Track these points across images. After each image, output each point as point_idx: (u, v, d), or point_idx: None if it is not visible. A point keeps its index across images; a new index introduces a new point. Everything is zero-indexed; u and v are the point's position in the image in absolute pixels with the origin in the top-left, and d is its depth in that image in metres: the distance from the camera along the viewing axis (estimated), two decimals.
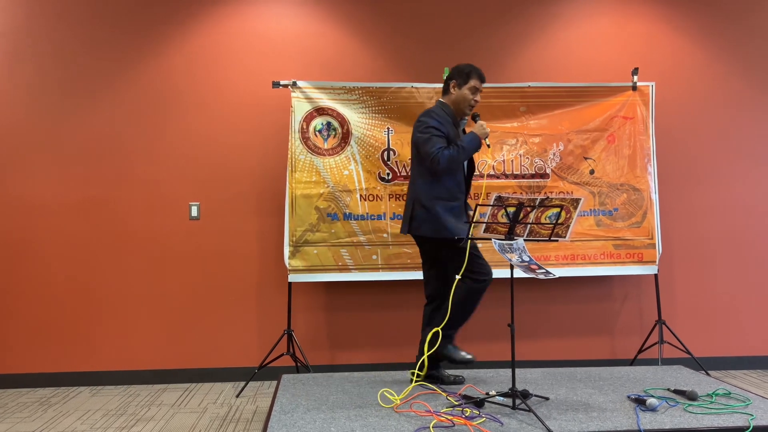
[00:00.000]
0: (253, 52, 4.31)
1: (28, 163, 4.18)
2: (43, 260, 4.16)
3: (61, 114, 4.21)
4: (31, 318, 4.14)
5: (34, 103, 4.19)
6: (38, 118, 4.19)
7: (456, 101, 3.23)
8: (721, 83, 4.52)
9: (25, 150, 4.18)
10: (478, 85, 3.20)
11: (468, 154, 3.18)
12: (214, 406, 3.68)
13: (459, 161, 3.17)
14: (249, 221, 4.27)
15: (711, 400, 3.04)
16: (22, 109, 4.19)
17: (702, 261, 4.47)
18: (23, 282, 4.15)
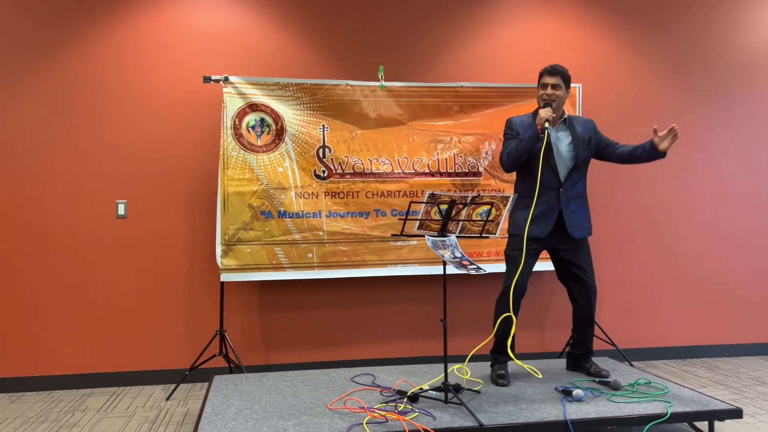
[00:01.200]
0: (184, 45, 4.20)
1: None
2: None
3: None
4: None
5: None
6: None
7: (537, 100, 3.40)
8: (644, 85, 4.72)
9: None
10: (546, 80, 3.34)
11: (527, 143, 3.27)
12: (143, 410, 3.57)
13: (519, 153, 3.30)
14: (179, 219, 4.16)
15: (633, 389, 3.18)
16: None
17: (625, 257, 4.66)
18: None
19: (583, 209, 3.43)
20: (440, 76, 4.45)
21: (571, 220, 3.35)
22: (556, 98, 3.32)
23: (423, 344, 4.40)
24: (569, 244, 3.39)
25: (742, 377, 4.15)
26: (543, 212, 3.33)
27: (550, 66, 3.37)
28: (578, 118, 3.50)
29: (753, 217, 4.82)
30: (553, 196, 3.33)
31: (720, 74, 4.81)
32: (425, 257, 4.19)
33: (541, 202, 3.33)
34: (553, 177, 3.33)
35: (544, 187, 3.32)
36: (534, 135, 3.26)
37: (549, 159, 3.33)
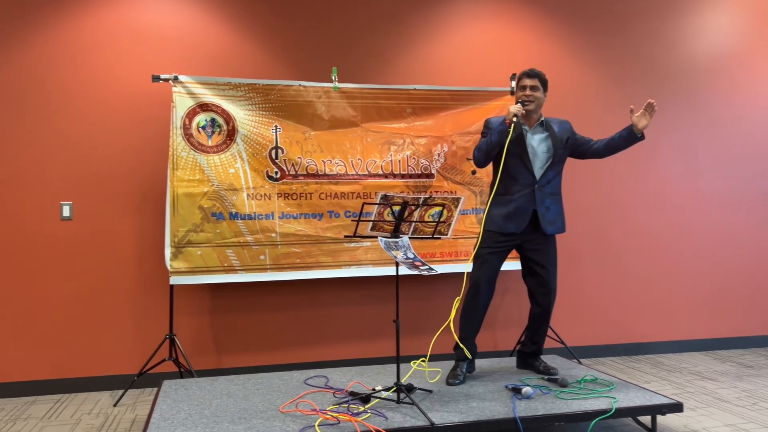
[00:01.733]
0: (133, 43, 4.11)
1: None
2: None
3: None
4: None
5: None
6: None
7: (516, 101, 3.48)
8: (588, 89, 4.85)
9: None
10: (524, 82, 3.44)
11: (496, 137, 3.35)
12: (89, 417, 3.48)
13: (489, 147, 3.38)
14: (127, 221, 4.07)
15: (580, 386, 3.26)
16: None
17: (573, 255, 4.78)
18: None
19: (558, 206, 3.51)
20: (394, 79, 4.48)
21: (545, 216, 3.43)
22: (534, 99, 3.41)
23: (376, 345, 4.42)
24: (538, 244, 3.47)
25: (684, 372, 4.31)
26: (518, 209, 3.41)
27: (529, 69, 3.48)
28: (554, 119, 3.59)
29: (694, 218, 5.01)
30: (529, 193, 3.41)
31: (660, 79, 4.98)
32: (379, 258, 4.20)
33: (517, 198, 3.41)
34: (528, 175, 3.41)
35: (520, 185, 3.41)
36: (504, 129, 3.33)
37: (524, 158, 3.41)
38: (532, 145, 3.44)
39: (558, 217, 3.51)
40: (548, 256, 3.49)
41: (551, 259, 3.50)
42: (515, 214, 3.41)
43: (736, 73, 5.10)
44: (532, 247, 3.47)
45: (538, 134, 3.47)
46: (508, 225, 3.40)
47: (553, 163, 3.46)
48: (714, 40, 5.07)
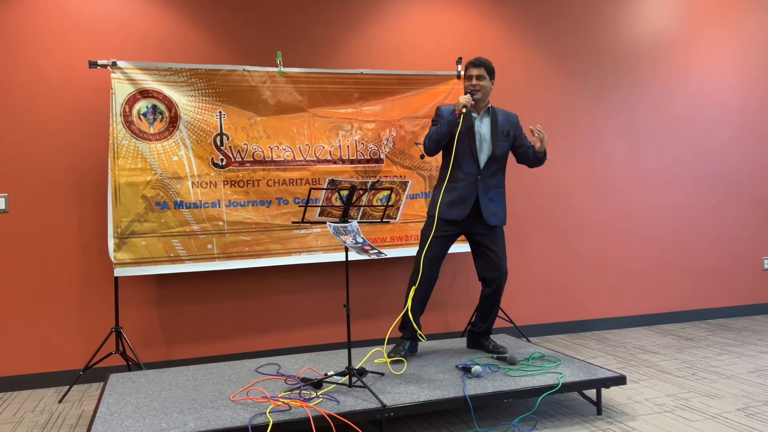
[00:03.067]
0: (68, 28, 3.95)
1: None
2: None
3: None
4: None
5: None
6: None
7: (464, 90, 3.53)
8: (539, 73, 4.92)
9: None
10: (471, 71, 3.49)
11: (446, 127, 3.41)
12: (33, 414, 3.37)
13: (439, 136, 3.43)
14: (67, 213, 3.93)
15: (528, 363, 3.34)
16: None
17: (521, 236, 4.86)
18: None
19: (501, 199, 3.56)
20: (341, 63, 4.44)
21: (487, 207, 3.48)
22: (481, 88, 3.46)
23: (329, 331, 4.41)
24: (485, 230, 3.52)
25: (629, 347, 4.46)
26: (461, 197, 3.45)
27: (474, 58, 3.51)
28: (503, 110, 3.63)
29: (636, 197, 5.16)
30: (472, 183, 3.46)
31: (606, 62, 5.09)
32: (329, 244, 4.19)
33: (461, 187, 3.46)
34: (473, 164, 3.46)
35: (465, 173, 3.46)
36: (453, 120, 3.39)
37: (471, 146, 3.46)
38: (480, 132, 3.50)
39: (500, 210, 3.56)
40: (496, 240, 3.55)
41: (499, 242, 3.56)
42: (458, 201, 3.46)
43: (675, 56, 5.26)
44: (478, 232, 3.52)
45: (484, 121, 3.52)
46: (450, 212, 3.46)
47: (494, 155, 3.50)
48: (655, 24, 5.20)
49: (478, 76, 3.47)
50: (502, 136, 3.54)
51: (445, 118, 3.44)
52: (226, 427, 2.51)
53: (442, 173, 3.55)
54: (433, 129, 3.48)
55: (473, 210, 3.47)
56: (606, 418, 3.03)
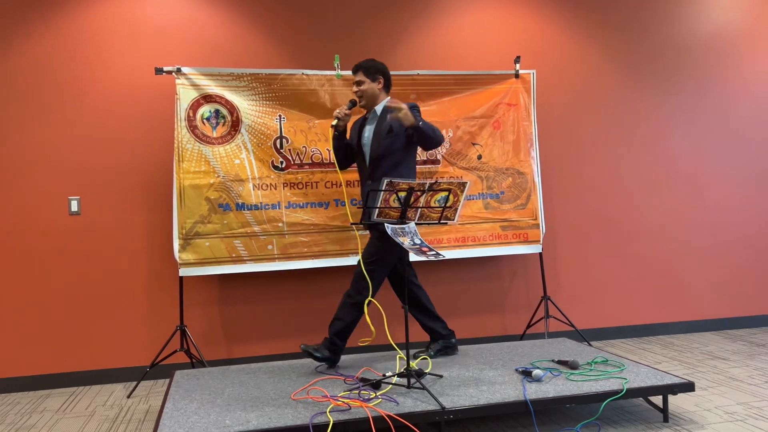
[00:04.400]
0: (135, 36, 4.11)
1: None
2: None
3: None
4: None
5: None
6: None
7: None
8: (595, 70, 4.81)
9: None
10: (353, 78, 3.49)
11: (333, 142, 3.49)
12: (103, 409, 3.51)
13: (334, 150, 3.51)
14: (135, 215, 4.09)
15: (590, 368, 3.26)
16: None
17: (581, 239, 4.76)
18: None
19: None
20: (397, 64, 4.45)
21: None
22: (362, 93, 3.45)
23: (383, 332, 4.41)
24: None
25: (695, 352, 4.30)
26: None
27: (356, 64, 3.48)
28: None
29: (704, 197, 4.97)
30: (363, 190, 3.46)
31: (667, 59, 4.93)
32: None
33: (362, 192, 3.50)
34: (364, 168, 3.48)
35: (361, 179, 3.53)
36: (334, 135, 3.46)
37: (361, 152, 3.49)
38: (366, 137, 3.47)
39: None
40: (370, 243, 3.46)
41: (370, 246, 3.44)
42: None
43: (740, 52, 5.04)
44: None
45: (371, 123, 3.48)
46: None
47: (379, 155, 3.36)
48: (719, 18, 5.00)
49: (358, 81, 3.45)
50: (384, 135, 3.40)
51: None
52: (288, 425, 2.55)
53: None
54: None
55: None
56: (673, 426, 2.93)
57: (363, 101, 3.47)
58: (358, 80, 3.45)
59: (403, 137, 3.40)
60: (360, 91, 3.44)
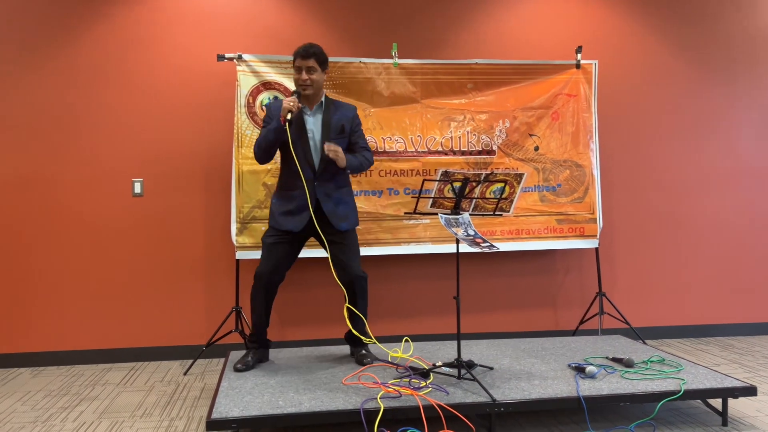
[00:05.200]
0: (198, 23, 4.20)
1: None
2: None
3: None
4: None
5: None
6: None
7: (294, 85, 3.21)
8: (660, 62, 4.65)
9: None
10: (299, 63, 3.13)
11: (272, 135, 3.07)
12: (161, 384, 3.64)
13: (267, 144, 3.10)
14: (195, 198, 4.20)
15: (646, 366, 3.19)
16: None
17: (640, 235, 4.64)
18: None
19: (349, 198, 3.28)
20: (455, 53, 4.42)
21: (334, 213, 3.18)
22: (312, 83, 3.14)
23: (435, 322, 4.43)
24: (336, 236, 3.22)
25: (757, 356, 4.14)
26: (299, 206, 3.15)
27: (302, 48, 3.15)
28: (339, 103, 3.31)
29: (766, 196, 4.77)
30: (310, 189, 3.14)
31: (738, 50, 4.72)
32: (438, 235, 4.19)
33: (297, 194, 3.15)
34: (308, 169, 3.15)
35: (299, 180, 3.13)
36: (279, 127, 3.05)
37: (305, 149, 3.16)
38: (313, 131, 3.19)
39: (351, 211, 3.27)
40: (348, 246, 3.25)
41: (352, 247, 3.27)
42: (296, 211, 3.15)
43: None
44: (329, 239, 3.21)
45: (318, 120, 3.21)
46: (285, 223, 3.15)
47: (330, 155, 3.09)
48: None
49: (309, 68, 3.12)
50: (336, 134, 3.20)
51: (272, 123, 3.09)
52: (339, 409, 2.59)
53: (280, 180, 3.27)
54: (262, 134, 3.14)
55: (318, 217, 3.14)
56: (732, 430, 2.84)
57: (310, 90, 3.14)
58: (310, 67, 3.12)
59: (347, 139, 3.27)
60: (310, 79, 3.12)
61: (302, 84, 3.13)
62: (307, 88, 3.14)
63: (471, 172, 3.04)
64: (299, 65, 3.14)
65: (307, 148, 3.18)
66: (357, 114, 3.34)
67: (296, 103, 3.04)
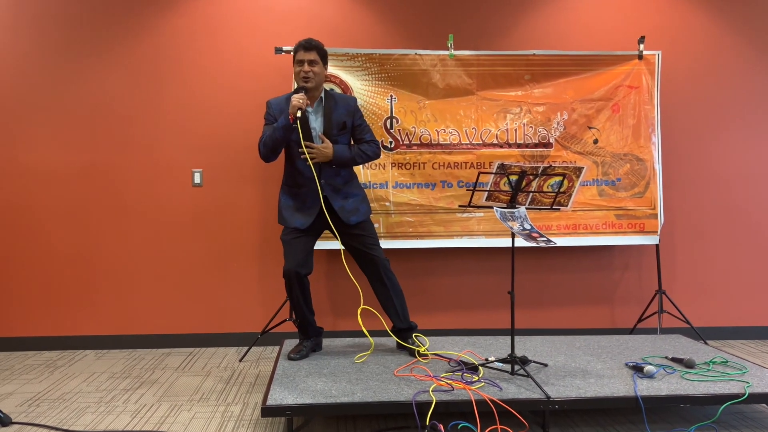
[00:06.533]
0: (255, 16, 4.27)
1: (29, 129, 4.17)
2: (46, 226, 4.18)
3: (61, 79, 4.18)
4: (36, 282, 4.18)
5: (34, 68, 4.16)
6: (39, 83, 4.17)
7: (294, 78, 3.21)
8: (727, 52, 4.46)
9: (26, 116, 4.17)
10: (302, 56, 3.14)
11: (280, 133, 3.07)
12: (218, 370, 3.74)
13: (274, 143, 3.10)
14: (251, 188, 4.28)
15: (708, 368, 3.08)
16: (22, 74, 4.16)
17: (703, 232, 4.47)
18: (28, 248, 4.17)
19: (357, 191, 3.29)
20: (512, 44, 4.34)
21: (344, 208, 3.21)
22: (314, 75, 3.13)
23: (488, 316, 4.39)
24: (348, 229, 3.24)
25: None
26: (306, 203, 3.19)
27: (304, 41, 3.15)
28: (339, 96, 3.29)
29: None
30: (316, 187, 3.14)
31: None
32: (492, 229, 4.15)
33: (304, 192, 3.19)
34: (314, 166, 3.14)
35: (305, 177, 3.16)
36: (286, 125, 3.03)
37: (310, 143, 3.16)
38: (315, 128, 3.19)
39: (360, 203, 3.27)
40: (363, 236, 3.27)
41: (367, 236, 3.28)
42: (303, 208, 3.20)
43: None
44: (342, 231, 3.23)
45: (320, 116, 3.20)
46: (293, 220, 3.20)
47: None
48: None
49: (311, 61, 3.11)
50: (337, 131, 3.19)
51: (278, 121, 3.07)
52: (391, 400, 2.61)
53: (285, 178, 3.30)
54: (267, 133, 3.12)
55: (329, 212, 3.16)
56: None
57: (311, 83, 3.13)
58: (312, 60, 3.13)
59: (349, 134, 3.28)
60: (312, 72, 3.12)
61: (304, 76, 3.12)
62: (309, 81, 3.12)
63: (528, 165, 2.99)
64: (301, 58, 3.14)
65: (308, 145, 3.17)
66: (357, 106, 3.35)
67: (305, 100, 3.03)
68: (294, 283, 3.20)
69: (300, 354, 3.25)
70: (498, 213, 2.97)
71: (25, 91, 4.16)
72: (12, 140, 4.16)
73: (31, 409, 3.07)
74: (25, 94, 4.16)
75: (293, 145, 3.15)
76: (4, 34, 4.14)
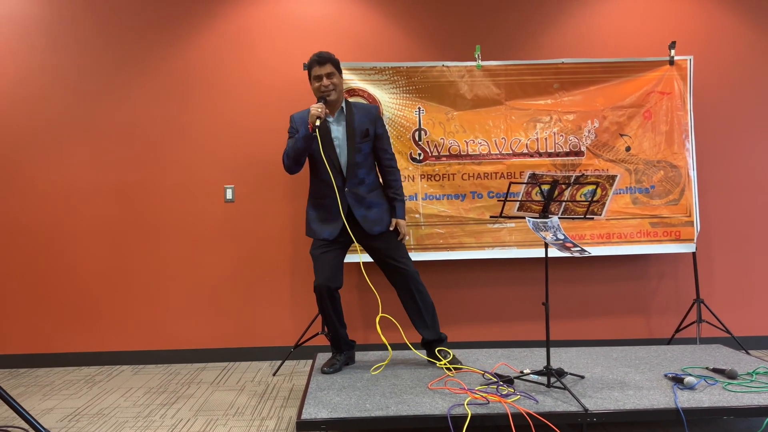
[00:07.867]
0: (284, 33, 4.33)
1: (64, 146, 4.28)
2: (83, 244, 4.28)
3: (96, 98, 4.29)
4: (74, 299, 4.27)
5: (69, 87, 4.28)
6: (74, 102, 4.28)
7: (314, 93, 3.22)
8: (760, 55, 4.37)
9: (62, 134, 4.28)
10: (318, 71, 3.16)
11: (302, 144, 3.09)
12: (252, 384, 3.76)
13: (296, 154, 3.13)
14: (282, 204, 4.32)
15: (751, 378, 3.00)
16: (58, 93, 4.28)
17: (741, 239, 4.37)
18: (66, 265, 4.27)
19: (380, 201, 3.28)
20: (540, 53, 4.33)
21: (367, 217, 3.21)
22: (334, 87, 3.14)
23: (522, 328, 4.34)
24: (373, 240, 3.25)
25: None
26: (331, 213, 3.21)
27: (316, 55, 3.16)
28: (360, 105, 3.28)
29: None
30: (341, 196, 3.17)
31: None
32: (524, 240, 4.11)
33: (329, 202, 3.21)
34: (337, 176, 3.17)
35: (329, 187, 3.18)
36: (307, 134, 3.06)
37: (331, 157, 3.17)
38: (338, 137, 3.20)
39: (383, 213, 3.26)
40: (389, 246, 3.26)
41: (392, 245, 3.27)
42: (329, 219, 3.21)
43: None
44: (366, 243, 3.26)
45: (342, 125, 3.21)
46: (321, 231, 3.23)
47: (354, 160, 3.17)
48: None
49: (329, 74, 3.13)
50: (360, 138, 3.19)
51: (299, 132, 3.11)
52: (426, 414, 2.59)
53: (310, 189, 3.32)
54: (290, 144, 3.15)
55: (351, 223, 3.17)
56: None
57: (334, 95, 3.15)
58: (329, 73, 3.15)
59: (371, 142, 3.28)
60: (332, 84, 3.14)
61: (325, 90, 3.14)
62: (330, 93, 3.15)
63: (560, 174, 2.96)
64: (318, 73, 3.16)
65: (333, 156, 3.20)
66: (379, 114, 3.36)
67: (324, 109, 3.06)
68: (325, 297, 3.21)
69: (333, 368, 3.26)
70: (531, 223, 2.94)
71: (62, 111, 4.28)
72: (49, 160, 4.27)
73: (72, 424, 3.13)
74: (61, 114, 4.28)
75: (317, 155, 3.17)
76: (42, 56, 4.27)
